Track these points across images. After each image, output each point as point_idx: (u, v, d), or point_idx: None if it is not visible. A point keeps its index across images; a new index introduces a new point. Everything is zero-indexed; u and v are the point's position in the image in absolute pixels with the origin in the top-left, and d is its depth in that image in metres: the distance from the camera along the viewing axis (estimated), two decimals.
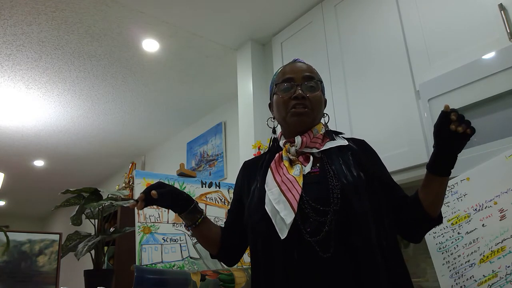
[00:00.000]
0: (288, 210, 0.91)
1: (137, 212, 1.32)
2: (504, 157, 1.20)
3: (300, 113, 1.05)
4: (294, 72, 1.10)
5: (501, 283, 1.09)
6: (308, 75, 1.10)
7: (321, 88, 1.12)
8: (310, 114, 1.06)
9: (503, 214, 1.15)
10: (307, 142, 1.05)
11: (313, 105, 1.07)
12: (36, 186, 5.93)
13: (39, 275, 1.57)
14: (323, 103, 1.13)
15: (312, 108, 1.07)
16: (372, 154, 1.11)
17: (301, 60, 1.19)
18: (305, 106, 1.06)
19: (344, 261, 0.85)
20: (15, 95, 3.37)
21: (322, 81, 1.14)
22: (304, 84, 1.08)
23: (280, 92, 1.09)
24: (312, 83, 1.08)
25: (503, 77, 1.32)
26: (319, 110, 1.10)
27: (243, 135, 2.62)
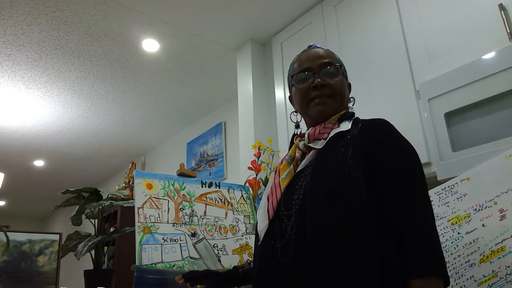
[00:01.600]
0: (265, 217, 0.92)
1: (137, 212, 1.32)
2: (504, 157, 1.20)
3: (321, 104, 0.96)
4: (310, 60, 1.01)
5: (501, 283, 1.09)
6: (326, 61, 0.99)
7: (342, 72, 1.02)
8: (332, 103, 0.96)
9: (503, 214, 1.15)
10: (315, 134, 0.95)
11: (335, 92, 0.97)
12: (36, 186, 5.93)
13: (39, 275, 1.57)
14: (346, 87, 1.02)
15: (334, 96, 0.97)
16: (379, 138, 0.87)
17: (317, 45, 1.09)
18: (327, 95, 0.96)
19: (301, 267, 0.79)
20: (15, 95, 3.37)
21: (343, 64, 1.04)
22: (323, 71, 0.98)
23: (297, 83, 1.01)
24: (331, 69, 0.99)
25: (503, 77, 1.32)
26: (343, 96, 0.99)
27: (243, 135, 2.62)
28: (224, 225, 1.52)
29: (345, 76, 1.04)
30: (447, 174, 1.40)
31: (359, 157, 0.83)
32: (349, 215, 0.78)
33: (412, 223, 0.77)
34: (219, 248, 1.44)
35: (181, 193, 1.47)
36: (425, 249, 0.74)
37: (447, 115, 1.46)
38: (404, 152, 0.87)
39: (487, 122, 1.36)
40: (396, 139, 0.89)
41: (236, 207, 1.59)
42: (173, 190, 1.45)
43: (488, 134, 1.34)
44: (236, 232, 1.54)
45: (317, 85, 0.96)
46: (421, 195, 0.82)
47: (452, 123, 1.46)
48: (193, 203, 1.48)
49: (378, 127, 0.90)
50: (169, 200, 1.42)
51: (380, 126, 0.91)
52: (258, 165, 2.00)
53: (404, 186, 0.81)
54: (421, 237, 0.75)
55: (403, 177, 0.82)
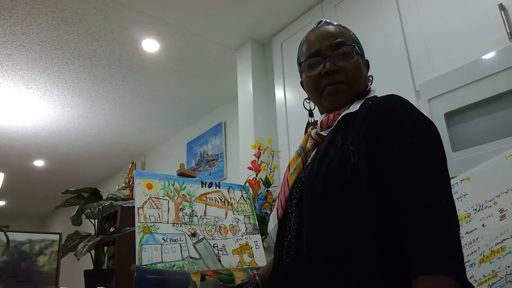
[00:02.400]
0: (274, 216, 0.89)
1: (137, 212, 1.32)
2: (504, 157, 1.20)
3: (335, 92, 0.85)
4: (320, 40, 0.89)
5: (501, 283, 1.09)
6: (337, 42, 0.87)
7: (357, 51, 0.90)
8: (347, 90, 0.85)
9: (503, 214, 1.15)
10: (329, 121, 0.86)
11: (349, 76, 0.85)
12: (36, 186, 5.93)
13: (39, 275, 1.57)
14: (363, 68, 0.90)
15: (350, 81, 0.85)
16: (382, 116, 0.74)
17: (327, 21, 0.96)
18: (341, 81, 0.85)
19: (299, 266, 0.76)
20: (15, 95, 3.37)
21: (357, 41, 0.93)
22: (334, 53, 0.86)
23: (307, 70, 0.90)
24: (344, 49, 0.87)
25: (503, 77, 1.32)
26: (359, 79, 0.87)
27: (243, 135, 2.62)
28: (224, 225, 1.52)
29: (361, 54, 0.92)
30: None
31: (362, 142, 0.72)
32: (345, 210, 0.70)
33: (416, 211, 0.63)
34: (219, 248, 1.44)
35: (181, 193, 1.47)
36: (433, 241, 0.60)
37: (447, 115, 1.46)
38: (411, 126, 0.71)
39: (487, 122, 1.36)
40: (402, 113, 0.74)
41: (236, 207, 1.59)
42: (173, 190, 1.45)
43: (488, 134, 1.34)
44: (236, 232, 1.54)
45: (328, 71, 0.85)
46: (432, 177, 0.66)
47: (452, 123, 1.46)
48: (193, 203, 1.48)
49: (384, 104, 0.76)
50: (169, 200, 1.42)
51: (386, 102, 0.76)
52: (258, 165, 2.00)
53: (410, 166, 0.67)
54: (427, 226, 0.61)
55: (408, 157, 0.68)
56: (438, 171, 0.68)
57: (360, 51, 0.92)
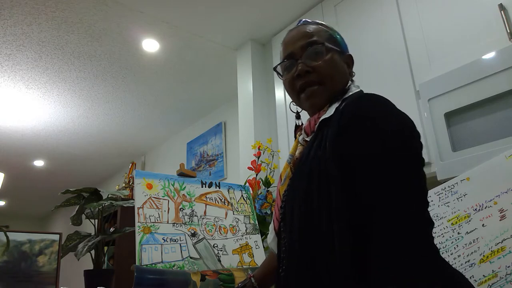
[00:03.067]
0: (271, 228, 0.88)
1: (137, 212, 1.32)
2: (504, 157, 1.20)
3: (311, 95, 0.83)
4: (292, 42, 0.87)
5: (501, 283, 1.09)
6: (308, 42, 0.84)
7: (332, 47, 0.85)
8: (323, 90, 0.82)
9: (503, 214, 1.15)
10: (311, 127, 0.83)
11: (322, 76, 0.82)
12: (36, 186, 5.93)
13: (39, 275, 1.57)
14: (340, 64, 0.86)
15: (323, 81, 0.82)
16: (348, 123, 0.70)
17: (307, 20, 0.93)
18: (314, 82, 0.82)
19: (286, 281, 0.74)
20: (15, 95, 3.37)
21: (334, 37, 0.90)
22: (305, 54, 0.84)
23: (284, 73, 0.89)
24: (315, 48, 0.83)
25: (503, 77, 1.32)
26: (334, 77, 0.83)
27: (243, 135, 2.62)
28: (224, 225, 1.52)
29: (340, 50, 0.88)
30: (447, 174, 1.40)
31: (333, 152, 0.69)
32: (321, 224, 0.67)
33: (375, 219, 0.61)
34: (219, 248, 1.44)
35: (181, 193, 1.47)
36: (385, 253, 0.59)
37: (447, 115, 1.46)
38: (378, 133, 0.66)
39: (487, 122, 1.36)
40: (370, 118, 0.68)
41: (236, 207, 1.59)
42: (173, 190, 1.45)
43: (488, 134, 1.34)
44: (236, 232, 1.54)
45: (300, 73, 0.83)
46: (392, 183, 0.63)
47: (452, 123, 1.46)
48: (193, 203, 1.48)
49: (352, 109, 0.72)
50: (169, 200, 1.42)
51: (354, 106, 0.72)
52: (258, 165, 2.00)
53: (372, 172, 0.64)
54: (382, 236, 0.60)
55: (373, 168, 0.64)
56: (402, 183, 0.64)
57: (338, 46, 0.88)
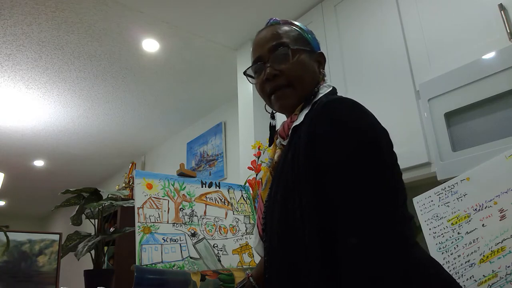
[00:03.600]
0: (256, 233, 0.88)
1: (137, 212, 1.32)
2: (504, 157, 1.20)
3: (280, 98, 0.83)
4: (260, 45, 0.87)
5: (501, 283, 1.09)
6: (274, 45, 0.84)
7: (300, 48, 0.85)
8: (292, 93, 0.83)
9: (503, 214, 1.15)
10: (285, 131, 0.84)
11: (290, 78, 0.82)
12: (36, 186, 5.93)
13: (39, 275, 1.57)
14: (308, 64, 0.85)
15: (292, 83, 0.82)
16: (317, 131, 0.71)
17: (275, 20, 0.92)
18: (282, 85, 0.83)
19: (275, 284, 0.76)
20: (15, 95, 3.37)
21: (302, 36, 0.88)
22: (272, 57, 0.84)
23: (254, 77, 0.89)
24: (281, 51, 0.83)
25: (503, 77, 1.32)
26: (303, 78, 0.83)
27: (243, 135, 2.62)
28: (224, 225, 1.52)
29: (309, 49, 0.87)
30: (447, 174, 1.40)
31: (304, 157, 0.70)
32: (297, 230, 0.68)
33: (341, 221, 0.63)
34: (219, 248, 1.44)
35: (181, 193, 1.47)
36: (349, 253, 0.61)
37: (447, 115, 1.46)
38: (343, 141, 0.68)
39: (487, 122, 1.36)
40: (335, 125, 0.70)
41: (236, 207, 1.59)
42: (173, 190, 1.45)
43: (488, 134, 1.34)
44: (236, 232, 1.54)
45: (268, 77, 0.83)
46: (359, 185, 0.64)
47: (452, 123, 1.46)
48: (193, 203, 1.48)
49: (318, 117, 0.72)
50: (169, 200, 1.42)
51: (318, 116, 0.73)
52: (258, 165, 2.00)
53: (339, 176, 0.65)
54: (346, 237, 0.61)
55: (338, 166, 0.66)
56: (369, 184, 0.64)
57: (307, 46, 0.87)
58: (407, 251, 0.62)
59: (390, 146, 0.73)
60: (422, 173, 1.58)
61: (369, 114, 0.74)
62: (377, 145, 0.69)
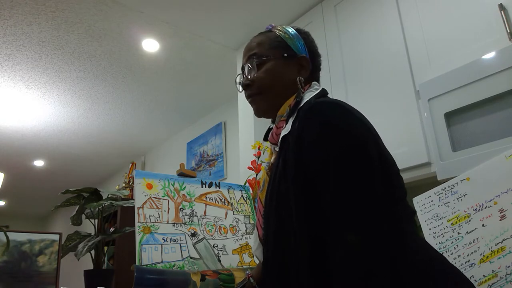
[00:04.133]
0: (256, 237, 0.87)
1: (137, 212, 1.32)
2: (504, 157, 1.20)
3: (252, 103, 0.89)
4: (243, 57, 0.93)
5: (501, 283, 1.09)
6: (248, 55, 0.90)
7: (271, 55, 0.88)
8: (261, 100, 0.87)
9: (503, 214, 1.15)
10: (274, 138, 0.86)
11: (259, 87, 0.86)
12: (36, 186, 5.93)
13: (39, 275, 1.57)
14: (280, 71, 0.87)
15: (261, 91, 0.87)
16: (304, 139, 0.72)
17: (268, 27, 0.98)
18: (254, 93, 0.88)
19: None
20: (15, 95, 3.37)
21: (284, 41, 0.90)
22: (247, 67, 0.89)
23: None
24: (254, 61, 0.88)
25: (503, 77, 1.32)
26: (273, 86, 0.86)
27: (243, 135, 2.62)
28: (224, 225, 1.52)
29: (286, 54, 0.88)
30: (447, 174, 1.40)
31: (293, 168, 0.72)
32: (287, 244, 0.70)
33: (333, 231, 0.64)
34: (219, 248, 1.44)
35: (181, 193, 1.47)
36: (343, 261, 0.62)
37: (447, 115, 1.46)
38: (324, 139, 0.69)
39: (487, 122, 1.36)
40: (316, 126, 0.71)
41: (236, 207, 1.59)
42: (173, 190, 1.45)
43: (488, 134, 1.34)
44: (236, 232, 1.54)
45: (242, 86, 0.91)
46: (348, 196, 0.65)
47: (452, 123, 1.46)
48: (193, 203, 1.48)
49: (302, 124, 0.74)
50: (169, 200, 1.42)
51: (303, 122, 0.74)
52: (258, 165, 2.00)
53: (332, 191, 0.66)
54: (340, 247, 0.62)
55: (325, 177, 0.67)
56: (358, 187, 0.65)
57: (285, 51, 0.88)
58: (403, 248, 0.63)
59: (379, 144, 0.74)
60: (422, 173, 1.58)
61: (355, 114, 0.73)
62: (364, 145, 0.69)
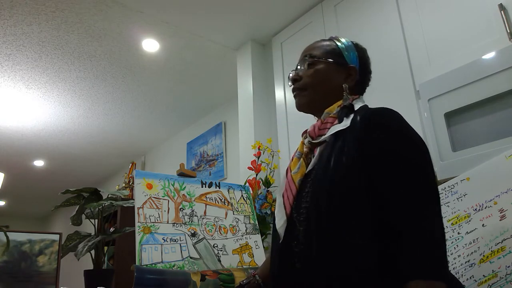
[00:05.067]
0: (282, 213, 0.88)
1: (137, 212, 1.32)
2: (504, 157, 1.20)
3: (295, 96, 0.99)
4: (300, 56, 1.04)
5: (501, 283, 1.09)
6: (304, 55, 1.00)
7: (322, 59, 0.98)
8: (304, 95, 0.97)
9: (503, 214, 1.15)
10: (316, 131, 0.92)
11: (305, 83, 0.97)
12: (36, 186, 5.93)
13: (39, 275, 1.57)
14: (327, 75, 0.97)
15: (305, 87, 0.96)
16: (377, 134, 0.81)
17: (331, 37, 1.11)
18: (298, 88, 0.98)
19: (312, 274, 0.78)
20: (15, 95, 3.37)
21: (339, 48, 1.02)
22: (299, 65, 1.00)
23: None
24: (305, 61, 0.98)
25: (503, 77, 1.32)
26: (317, 85, 0.96)
27: (243, 135, 2.62)
28: (224, 225, 1.52)
29: (336, 62, 0.98)
30: (447, 174, 1.40)
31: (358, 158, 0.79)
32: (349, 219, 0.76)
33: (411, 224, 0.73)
34: (219, 248, 1.44)
35: (181, 193, 1.47)
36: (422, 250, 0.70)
37: (447, 115, 1.46)
38: (404, 141, 0.81)
39: (487, 122, 1.36)
40: (394, 127, 0.83)
41: (236, 207, 1.59)
42: (173, 190, 1.45)
43: (488, 134, 1.34)
44: (236, 232, 1.54)
45: (290, 80, 1.01)
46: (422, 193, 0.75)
47: (452, 123, 1.46)
48: (193, 203, 1.48)
49: (376, 122, 0.83)
50: (169, 200, 1.42)
51: (378, 120, 0.84)
52: (258, 165, 2.00)
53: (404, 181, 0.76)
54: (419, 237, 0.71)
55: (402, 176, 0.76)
56: (428, 186, 0.77)
57: (337, 59, 0.99)
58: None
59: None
60: None
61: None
62: (429, 154, 0.80)
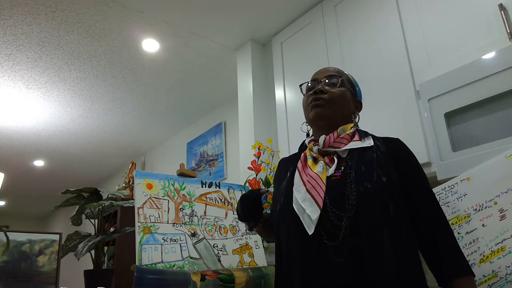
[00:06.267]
0: (314, 207, 0.92)
1: (137, 212, 1.32)
2: (504, 157, 1.20)
3: (316, 105, 1.06)
4: (319, 73, 1.13)
5: (501, 283, 1.09)
6: (330, 74, 1.10)
7: (346, 85, 1.11)
8: (328, 106, 1.05)
9: (503, 214, 1.15)
10: (330, 141, 1.02)
11: (331, 97, 1.06)
12: (36, 186, 5.93)
13: (39, 275, 1.57)
14: (348, 99, 1.10)
15: (330, 100, 1.06)
16: (404, 156, 1.02)
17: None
18: (323, 98, 1.06)
19: (355, 268, 0.85)
20: (15, 95, 3.37)
21: (351, 82, 1.14)
22: (325, 80, 1.09)
23: (305, 91, 1.13)
24: (333, 79, 1.09)
25: (503, 77, 1.32)
26: (340, 104, 1.07)
27: (243, 135, 2.62)
28: (224, 225, 1.52)
29: (352, 90, 1.12)
30: (447, 174, 1.40)
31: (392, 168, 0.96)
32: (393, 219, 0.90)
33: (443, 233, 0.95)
34: (219, 248, 1.44)
35: (181, 193, 1.47)
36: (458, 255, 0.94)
37: (447, 115, 1.46)
38: (421, 169, 1.04)
39: (487, 122, 1.36)
40: (414, 157, 1.05)
41: (236, 207, 1.59)
42: (173, 190, 1.45)
43: (488, 134, 1.34)
44: (236, 232, 1.54)
45: (316, 91, 1.07)
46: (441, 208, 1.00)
47: (452, 123, 1.46)
48: (193, 203, 1.48)
49: (399, 146, 1.05)
50: (169, 200, 1.42)
51: (400, 145, 1.06)
52: (258, 165, 2.00)
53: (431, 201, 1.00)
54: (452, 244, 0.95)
55: (428, 192, 1.00)
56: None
57: (352, 89, 1.13)
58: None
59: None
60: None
61: None
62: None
